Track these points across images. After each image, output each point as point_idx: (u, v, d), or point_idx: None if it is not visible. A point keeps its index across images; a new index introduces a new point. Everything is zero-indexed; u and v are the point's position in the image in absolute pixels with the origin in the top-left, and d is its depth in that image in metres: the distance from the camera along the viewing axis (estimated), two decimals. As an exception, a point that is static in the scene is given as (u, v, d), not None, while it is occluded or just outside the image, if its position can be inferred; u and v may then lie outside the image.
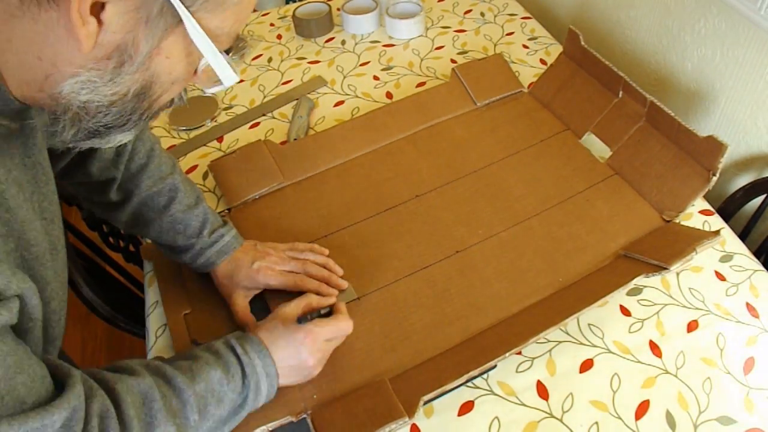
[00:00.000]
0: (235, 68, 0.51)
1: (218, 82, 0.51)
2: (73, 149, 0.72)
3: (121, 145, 0.74)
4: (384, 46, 1.30)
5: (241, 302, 0.80)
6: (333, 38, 1.34)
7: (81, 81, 0.44)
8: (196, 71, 0.51)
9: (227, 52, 0.52)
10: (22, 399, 0.47)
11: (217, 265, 0.81)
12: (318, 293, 0.79)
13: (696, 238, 0.79)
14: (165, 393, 0.59)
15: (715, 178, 0.82)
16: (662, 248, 0.80)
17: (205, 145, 1.10)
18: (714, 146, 0.81)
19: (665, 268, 0.75)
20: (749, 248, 0.86)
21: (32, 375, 0.49)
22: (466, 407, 0.72)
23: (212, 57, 0.48)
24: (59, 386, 0.52)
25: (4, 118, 0.49)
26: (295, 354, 0.69)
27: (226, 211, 0.96)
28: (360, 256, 0.87)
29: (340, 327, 0.73)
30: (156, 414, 0.57)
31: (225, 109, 1.18)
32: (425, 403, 0.69)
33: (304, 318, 0.72)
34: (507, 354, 0.71)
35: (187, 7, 0.44)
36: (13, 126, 0.50)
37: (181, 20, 0.44)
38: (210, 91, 0.54)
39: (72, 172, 0.76)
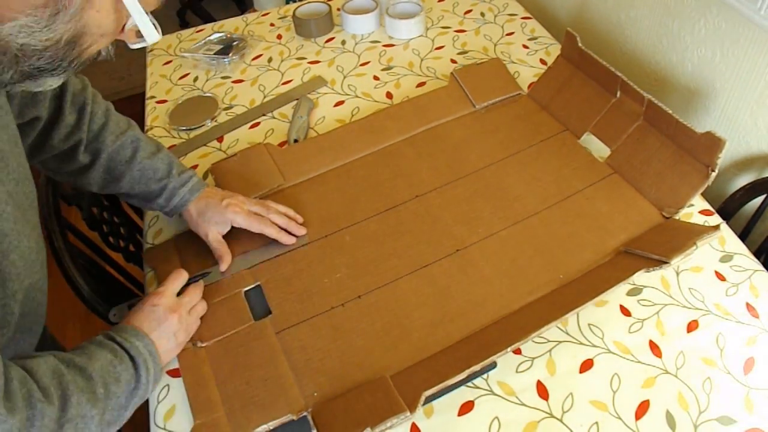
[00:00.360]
0: (157, 28, 0.58)
1: (142, 38, 0.58)
2: (35, 124, 0.78)
3: (81, 109, 0.81)
4: (384, 46, 1.30)
5: (215, 236, 0.87)
6: (333, 38, 1.34)
7: (19, 25, 0.48)
8: (123, 28, 0.57)
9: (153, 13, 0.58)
10: None
11: (190, 201, 0.87)
12: (277, 239, 0.87)
13: (696, 232, 0.79)
14: (69, 371, 0.63)
15: (713, 174, 0.82)
16: (662, 243, 0.80)
17: (205, 145, 1.10)
18: (712, 142, 0.81)
19: (666, 263, 0.75)
20: (749, 248, 0.86)
21: None
22: (466, 407, 0.72)
23: (138, 15, 0.54)
24: None
25: None
26: (156, 318, 0.74)
27: None
28: (360, 256, 0.87)
29: (177, 277, 0.79)
30: (68, 385, 0.61)
31: (225, 109, 1.18)
32: (427, 398, 0.69)
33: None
34: (508, 349, 0.71)
35: None
36: None
37: None
38: (134, 46, 0.59)
39: (38, 149, 0.80)
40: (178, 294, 0.80)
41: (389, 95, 1.17)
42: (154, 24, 0.56)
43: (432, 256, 0.86)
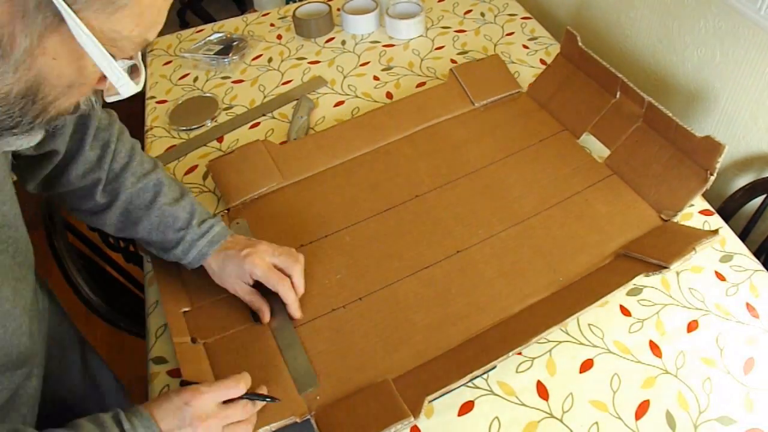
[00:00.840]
0: (136, 77, 0.48)
1: (114, 92, 0.48)
2: (53, 157, 0.72)
3: (104, 147, 0.75)
4: (384, 46, 1.30)
5: (243, 289, 0.80)
6: (333, 38, 1.34)
7: None
8: (105, 77, 0.47)
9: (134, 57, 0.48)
10: None
11: (208, 255, 0.80)
12: (288, 311, 0.79)
13: (695, 237, 0.79)
14: None
15: (712, 178, 0.82)
16: (662, 247, 0.80)
17: (205, 145, 1.10)
18: (711, 146, 0.81)
19: (665, 267, 0.75)
20: (749, 248, 0.86)
21: None
22: (466, 407, 0.72)
23: (103, 62, 0.44)
24: None
25: None
26: (181, 418, 0.63)
27: (226, 211, 0.96)
28: (360, 257, 0.87)
29: (232, 386, 0.67)
30: None
31: (225, 109, 1.18)
32: (429, 402, 0.69)
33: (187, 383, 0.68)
34: (510, 353, 0.71)
35: (69, 5, 0.40)
36: None
37: (63, 19, 0.41)
38: (109, 99, 0.49)
39: (53, 182, 0.75)
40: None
41: (389, 95, 1.17)
42: (126, 73, 0.46)
43: (432, 258, 0.86)
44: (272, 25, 1.41)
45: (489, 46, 1.26)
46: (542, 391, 0.73)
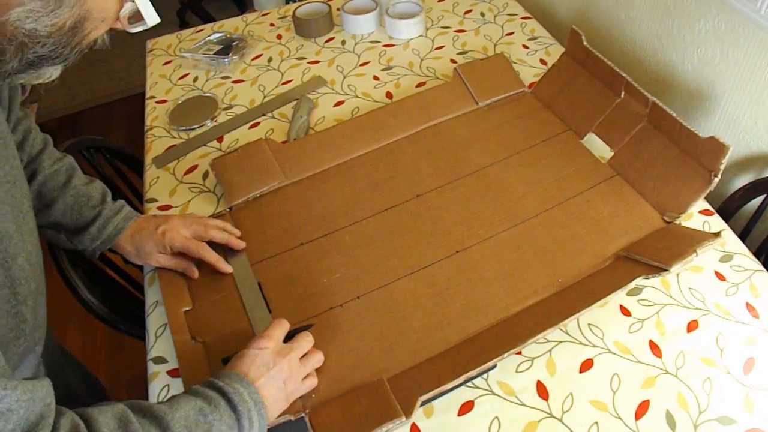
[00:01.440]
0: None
1: (140, 21, 0.57)
2: None
3: (25, 132, 0.80)
4: (384, 46, 1.30)
5: (165, 258, 0.85)
6: (333, 38, 1.34)
7: (27, 10, 0.49)
8: (118, 15, 0.56)
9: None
10: None
11: (124, 230, 0.84)
12: (215, 266, 0.84)
13: (697, 239, 0.79)
14: (140, 419, 0.57)
15: (716, 180, 0.82)
16: (662, 249, 0.80)
17: (205, 145, 1.10)
18: (716, 147, 0.81)
19: (665, 270, 0.75)
20: (749, 248, 0.86)
21: None
22: (466, 407, 0.72)
23: None
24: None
25: None
26: (263, 363, 0.67)
27: (227, 210, 0.96)
28: (359, 256, 0.87)
29: (281, 323, 0.73)
30: None
31: (225, 109, 1.18)
32: (423, 403, 0.69)
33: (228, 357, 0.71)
34: (505, 354, 0.71)
35: None
36: None
37: None
38: (133, 30, 0.58)
39: None
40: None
41: (389, 95, 1.17)
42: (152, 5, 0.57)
43: (431, 258, 0.86)
44: (272, 24, 1.41)
45: (489, 46, 1.26)
46: (542, 391, 0.73)
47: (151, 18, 0.57)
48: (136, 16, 0.58)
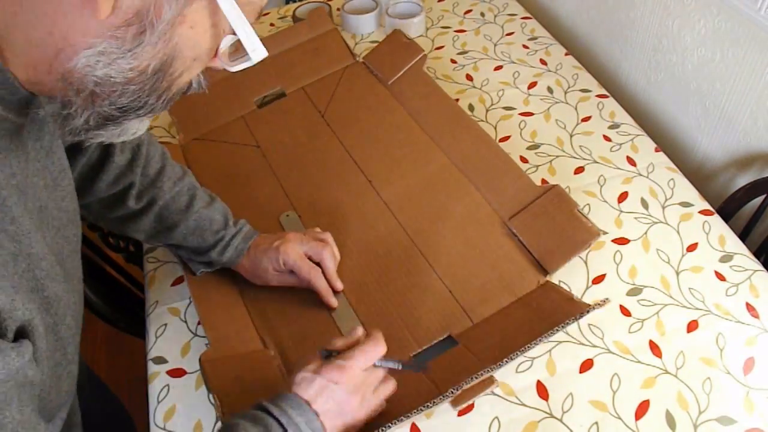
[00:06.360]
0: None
1: (244, 58, 0.45)
2: (79, 166, 0.69)
3: (134, 150, 0.73)
4: (384, 46, 1.30)
5: (280, 276, 0.80)
6: (333, 38, 1.34)
7: (97, 52, 0.39)
8: (217, 51, 0.45)
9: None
10: None
11: (245, 251, 0.79)
12: (321, 296, 0.79)
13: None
14: None
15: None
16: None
17: (205, 145, 1.10)
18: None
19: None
20: (749, 248, 0.86)
21: None
22: (466, 407, 0.72)
23: (242, 27, 0.42)
24: None
25: (9, 110, 0.43)
26: (333, 397, 0.61)
27: None
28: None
29: (373, 350, 0.64)
30: None
31: (225, 109, 1.18)
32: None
33: (327, 352, 0.64)
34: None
35: None
36: (19, 121, 0.45)
37: None
38: (235, 69, 0.47)
39: (82, 192, 0.70)
40: None
41: (389, 95, 1.17)
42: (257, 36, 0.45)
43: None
44: (272, 24, 1.41)
45: (489, 46, 1.26)
46: (542, 391, 0.73)
47: (257, 52, 0.44)
48: (238, 51, 0.46)
